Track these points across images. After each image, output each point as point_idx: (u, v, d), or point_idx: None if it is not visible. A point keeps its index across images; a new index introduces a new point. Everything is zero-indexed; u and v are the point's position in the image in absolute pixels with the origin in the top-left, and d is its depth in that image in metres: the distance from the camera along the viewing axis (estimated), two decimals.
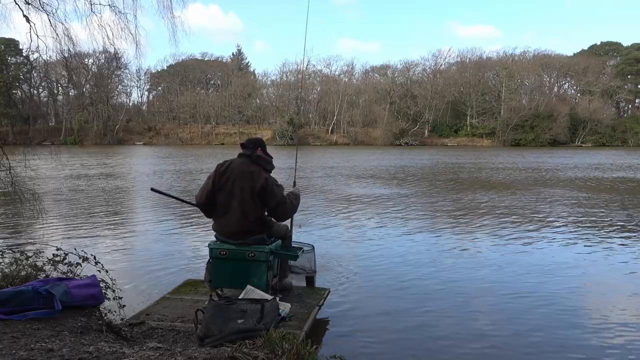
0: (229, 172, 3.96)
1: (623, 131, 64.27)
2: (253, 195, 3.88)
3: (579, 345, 3.89)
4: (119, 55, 44.00)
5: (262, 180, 3.90)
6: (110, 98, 68.45)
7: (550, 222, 9.29)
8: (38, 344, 2.58)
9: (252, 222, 3.91)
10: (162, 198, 12.75)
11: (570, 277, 5.73)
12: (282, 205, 3.98)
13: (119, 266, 5.90)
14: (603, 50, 77.10)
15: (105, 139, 64.18)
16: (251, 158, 3.99)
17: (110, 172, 21.49)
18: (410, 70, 73.85)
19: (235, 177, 3.92)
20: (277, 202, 3.94)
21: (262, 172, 3.96)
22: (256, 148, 4.05)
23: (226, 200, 3.93)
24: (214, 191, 3.97)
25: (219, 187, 3.96)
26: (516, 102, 65.93)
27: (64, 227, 8.58)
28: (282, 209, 4.00)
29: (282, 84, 71.93)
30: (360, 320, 4.33)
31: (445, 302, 4.83)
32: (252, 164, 3.98)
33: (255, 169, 3.95)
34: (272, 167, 4.10)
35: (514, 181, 17.87)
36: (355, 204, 11.82)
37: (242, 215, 3.89)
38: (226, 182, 3.93)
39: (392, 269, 5.97)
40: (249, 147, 4.06)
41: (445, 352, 3.76)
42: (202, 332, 3.05)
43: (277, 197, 3.94)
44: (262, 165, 4.00)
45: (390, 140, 63.02)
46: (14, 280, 3.54)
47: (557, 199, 12.70)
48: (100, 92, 65.86)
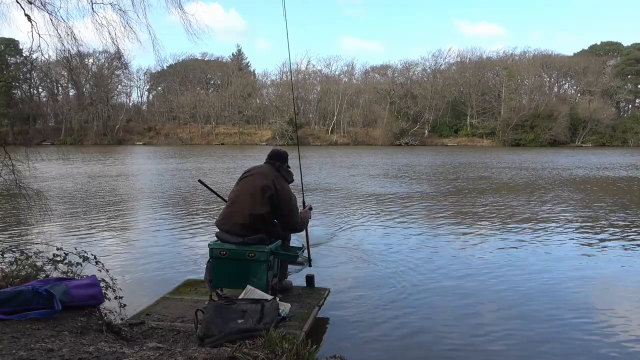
0: (251, 171, 4.18)
1: (623, 131, 64.28)
2: (264, 194, 3.97)
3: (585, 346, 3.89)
4: (120, 55, 43.88)
5: (279, 185, 4.04)
6: (110, 98, 68.49)
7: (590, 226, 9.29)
8: (38, 344, 2.58)
9: (256, 219, 3.94)
10: (162, 198, 12.76)
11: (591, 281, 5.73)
12: (295, 215, 4.12)
13: (119, 266, 5.90)
14: (603, 50, 77.09)
15: (105, 139, 64.20)
16: (274, 165, 4.19)
17: (110, 171, 21.49)
18: (410, 70, 73.94)
19: (255, 176, 4.10)
20: (289, 210, 4.06)
21: (281, 180, 4.12)
22: (278, 158, 4.23)
23: (238, 192, 4.07)
24: None
25: (237, 182, 4.18)
26: (516, 102, 65.96)
27: (64, 227, 8.58)
28: (294, 219, 4.12)
29: (282, 84, 71.98)
30: (361, 321, 4.32)
31: (447, 302, 4.82)
32: (274, 169, 4.16)
33: (276, 174, 4.12)
34: (292, 179, 4.26)
35: (537, 181, 17.87)
36: (356, 202, 11.82)
37: (249, 208, 3.93)
38: (243, 178, 4.15)
39: (393, 269, 5.97)
40: (272, 157, 4.25)
41: (446, 352, 3.75)
42: (202, 332, 3.05)
43: (291, 206, 4.07)
44: (283, 174, 4.17)
45: (391, 140, 63.03)
46: (14, 280, 3.54)
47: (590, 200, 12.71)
48: (100, 92, 65.89)
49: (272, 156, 4.25)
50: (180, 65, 73.37)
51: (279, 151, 4.32)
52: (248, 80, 74.55)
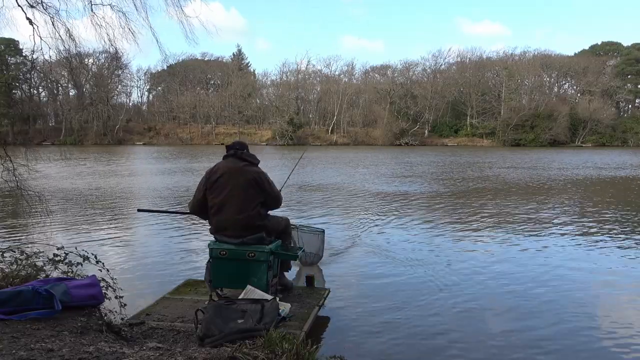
0: (218, 172, 4.03)
1: (623, 131, 64.28)
2: (247, 188, 3.95)
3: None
4: (119, 56, 43.91)
5: (252, 172, 4.02)
6: (110, 98, 68.46)
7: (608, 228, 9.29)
8: (38, 344, 2.58)
9: (250, 216, 3.93)
10: (162, 197, 12.76)
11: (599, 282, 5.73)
12: (274, 186, 4.18)
13: (119, 266, 5.91)
14: (603, 50, 77.10)
15: (105, 139, 64.18)
16: (236, 155, 4.10)
17: (110, 171, 21.49)
18: (410, 70, 73.92)
19: (227, 175, 3.99)
20: (269, 184, 4.10)
21: (251, 166, 4.08)
22: (242, 149, 4.17)
23: (219, 198, 3.97)
24: (205, 196, 4.04)
25: (209, 188, 4.02)
26: (516, 102, 65.94)
27: (65, 227, 8.58)
28: (274, 191, 4.15)
29: (282, 84, 71.97)
30: (361, 321, 4.32)
31: (448, 302, 4.81)
32: (239, 160, 4.08)
33: (243, 163, 4.06)
34: (258, 161, 4.20)
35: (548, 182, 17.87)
36: (357, 200, 11.81)
37: (238, 210, 3.92)
38: (216, 182, 4.00)
39: (394, 269, 5.97)
40: (234, 147, 4.16)
41: (447, 353, 3.75)
42: (202, 332, 3.05)
43: (269, 180, 4.12)
44: (249, 160, 4.11)
45: (390, 140, 63.00)
46: (14, 280, 3.54)
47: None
48: (100, 92, 65.84)
49: (229, 148, 4.16)
50: (180, 65, 73.30)
51: (233, 143, 4.25)
52: (248, 80, 74.52)
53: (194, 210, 4.19)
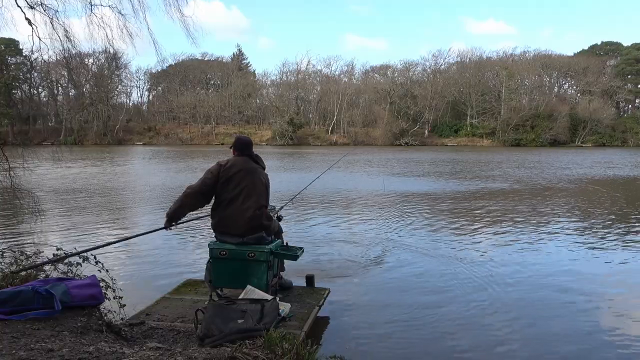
0: (234, 168, 4.02)
1: (623, 131, 64.23)
2: (261, 189, 4.06)
3: None
4: (119, 55, 43.94)
5: (265, 176, 4.19)
6: (110, 98, 68.43)
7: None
8: (38, 344, 2.58)
9: (258, 215, 3.96)
10: (162, 198, 12.75)
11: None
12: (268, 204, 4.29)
13: (119, 266, 5.91)
14: (603, 50, 77.07)
15: (105, 139, 64.15)
16: (252, 157, 4.19)
17: (110, 171, 21.49)
18: (410, 70, 73.83)
19: (243, 172, 4.01)
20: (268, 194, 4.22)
21: (262, 170, 4.22)
22: (250, 149, 4.24)
23: (233, 193, 3.95)
24: (215, 184, 3.99)
25: (223, 182, 3.98)
26: (516, 102, 65.85)
27: (65, 227, 8.58)
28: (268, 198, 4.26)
29: (282, 84, 71.93)
30: (361, 321, 4.32)
31: (449, 302, 4.81)
32: (253, 161, 4.18)
33: (257, 165, 4.18)
34: (265, 167, 4.32)
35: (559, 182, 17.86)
36: (355, 204, 11.81)
37: (249, 207, 3.93)
38: (232, 177, 3.97)
39: (393, 269, 5.97)
40: (244, 148, 4.18)
41: (447, 352, 3.75)
42: (202, 332, 3.05)
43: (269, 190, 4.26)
44: (261, 164, 4.23)
45: (391, 140, 62.95)
46: (14, 280, 3.54)
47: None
48: (100, 92, 65.81)
49: (243, 147, 4.17)
50: (180, 65, 73.31)
51: (245, 141, 4.25)
52: (248, 80, 74.49)
53: (195, 191, 3.99)
